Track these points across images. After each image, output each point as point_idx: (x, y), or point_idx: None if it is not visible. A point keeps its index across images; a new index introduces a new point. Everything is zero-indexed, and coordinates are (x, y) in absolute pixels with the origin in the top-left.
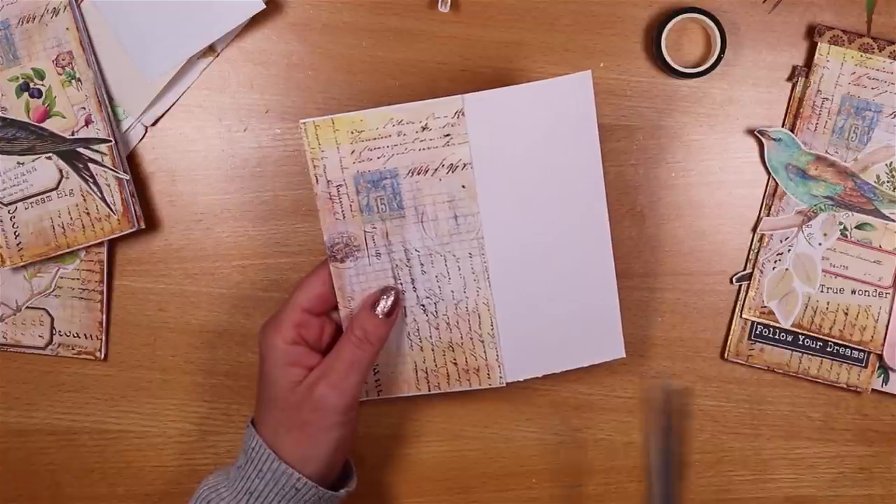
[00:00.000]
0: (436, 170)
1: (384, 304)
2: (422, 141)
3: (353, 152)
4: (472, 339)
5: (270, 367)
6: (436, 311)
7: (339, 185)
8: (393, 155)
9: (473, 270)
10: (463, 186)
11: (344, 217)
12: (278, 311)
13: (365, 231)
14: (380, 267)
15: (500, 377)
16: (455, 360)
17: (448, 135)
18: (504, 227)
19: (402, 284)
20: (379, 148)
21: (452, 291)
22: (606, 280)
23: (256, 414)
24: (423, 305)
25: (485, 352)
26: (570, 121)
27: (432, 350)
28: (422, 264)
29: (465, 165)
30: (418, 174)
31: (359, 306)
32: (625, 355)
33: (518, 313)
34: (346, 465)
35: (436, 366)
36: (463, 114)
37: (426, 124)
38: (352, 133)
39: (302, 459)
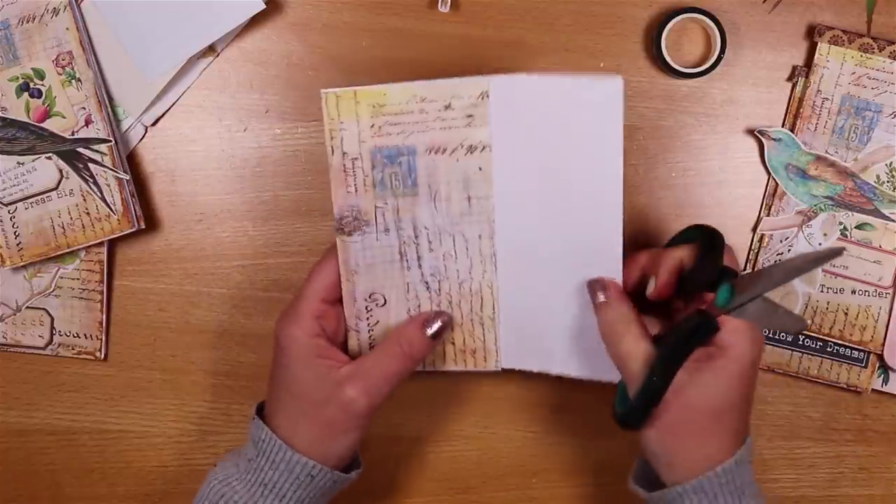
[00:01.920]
0: (454, 150)
1: (434, 327)
2: (443, 120)
3: (372, 126)
4: (472, 320)
5: (291, 361)
6: (439, 289)
7: (355, 159)
8: (413, 132)
9: (481, 253)
10: (480, 168)
11: (356, 191)
12: (294, 302)
13: (376, 206)
14: (387, 243)
15: (497, 362)
16: (454, 339)
17: (470, 115)
18: (516, 214)
19: (407, 261)
20: (399, 124)
21: (458, 271)
22: None
23: (269, 404)
24: (427, 283)
25: (483, 334)
26: (595, 121)
27: None
28: (430, 241)
29: (483, 148)
30: (436, 153)
31: (408, 322)
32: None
33: (521, 302)
34: None
35: None
36: (487, 96)
37: (449, 103)
38: (373, 107)
39: (321, 454)
